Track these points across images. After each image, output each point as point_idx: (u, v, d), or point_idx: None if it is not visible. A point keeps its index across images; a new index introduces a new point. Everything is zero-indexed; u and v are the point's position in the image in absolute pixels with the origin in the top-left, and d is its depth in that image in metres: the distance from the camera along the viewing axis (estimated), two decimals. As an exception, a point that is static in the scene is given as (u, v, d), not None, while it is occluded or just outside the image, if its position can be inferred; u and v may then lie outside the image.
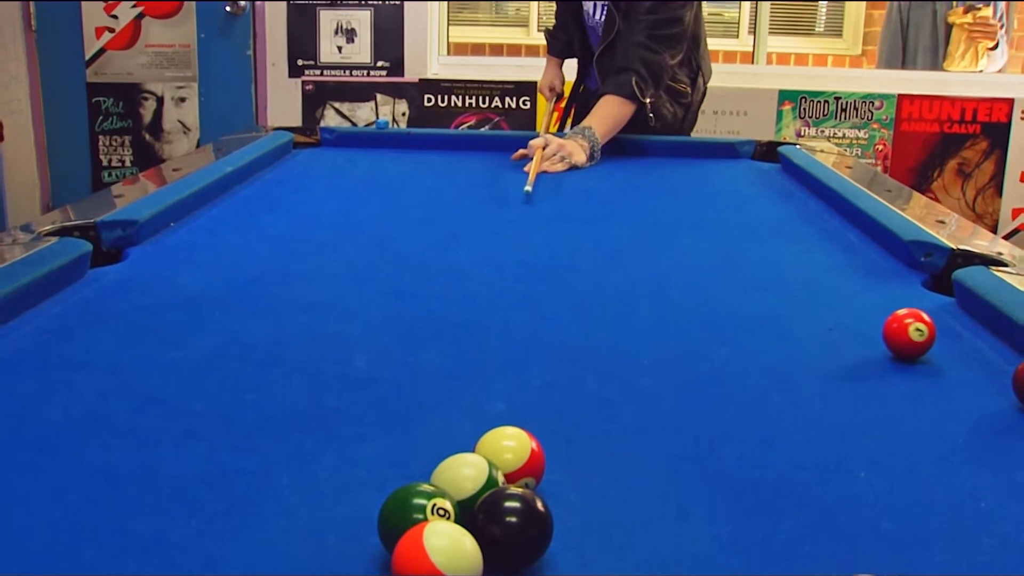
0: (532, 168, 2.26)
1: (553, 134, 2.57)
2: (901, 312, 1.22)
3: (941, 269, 1.58)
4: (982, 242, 1.69)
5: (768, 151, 2.59)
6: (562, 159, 2.40)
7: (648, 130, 2.66)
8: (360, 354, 1.20)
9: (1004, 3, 4.70)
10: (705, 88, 2.90)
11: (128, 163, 4.60)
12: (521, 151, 2.46)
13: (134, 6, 4.47)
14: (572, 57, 3.05)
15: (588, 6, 2.81)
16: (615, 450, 0.97)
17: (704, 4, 2.87)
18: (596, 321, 1.35)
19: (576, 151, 2.43)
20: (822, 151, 2.52)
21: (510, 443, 0.86)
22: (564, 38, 3.02)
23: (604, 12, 2.70)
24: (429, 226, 1.87)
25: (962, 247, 1.60)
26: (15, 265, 1.38)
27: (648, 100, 2.57)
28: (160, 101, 4.54)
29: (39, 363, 1.16)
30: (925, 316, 1.21)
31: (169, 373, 1.14)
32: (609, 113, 2.57)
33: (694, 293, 1.49)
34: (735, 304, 1.44)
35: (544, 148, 2.39)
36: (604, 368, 1.18)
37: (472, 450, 0.86)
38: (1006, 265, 1.52)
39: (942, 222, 1.81)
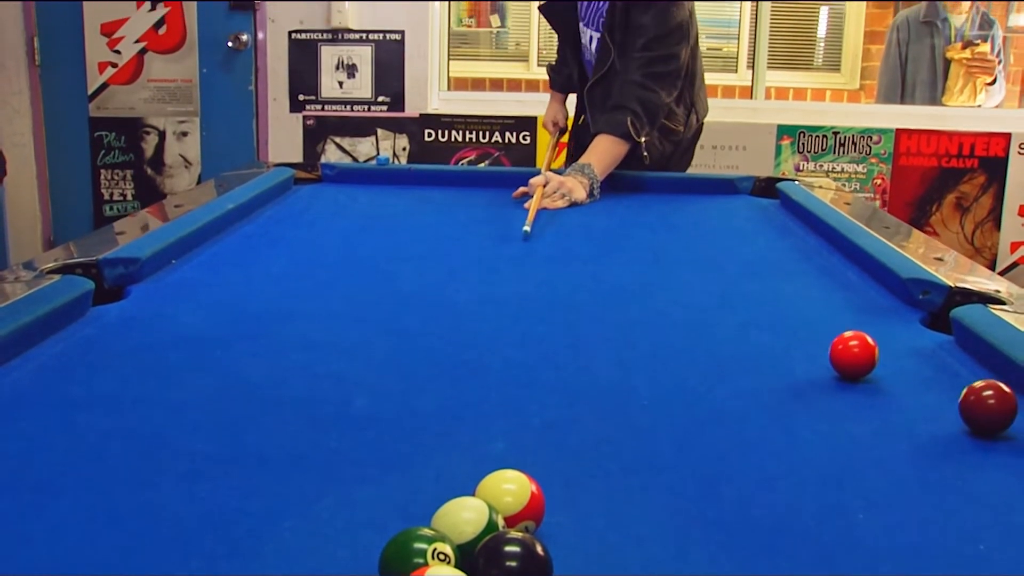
0: (532, 206, 2.27)
1: (554, 170, 2.58)
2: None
3: (939, 307, 1.59)
4: (980, 279, 1.70)
5: (767, 187, 2.61)
6: (563, 196, 2.41)
7: (640, 166, 2.67)
8: (361, 394, 1.20)
9: (1002, 39, 4.74)
10: (700, 125, 2.91)
11: (129, 197, 4.62)
12: (522, 189, 2.47)
13: (137, 41, 4.50)
14: (574, 92, 3.05)
15: (585, 39, 2.84)
16: (615, 491, 0.97)
17: (703, 40, 2.90)
18: (595, 360, 1.36)
19: (576, 188, 2.44)
20: (821, 187, 2.54)
21: (510, 486, 0.86)
22: (566, 72, 3.04)
23: (599, 44, 2.72)
24: (429, 263, 1.88)
25: (960, 285, 1.61)
26: (18, 303, 1.39)
27: (643, 140, 2.58)
28: (162, 135, 4.56)
29: (41, 403, 1.17)
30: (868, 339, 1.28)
31: (170, 413, 1.14)
32: (605, 150, 2.57)
33: (693, 331, 1.50)
34: (734, 343, 1.45)
35: (544, 186, 2.40)
36: (604, 407, 1.19)
37: (472, 493, 0.86)
38: (1004, 303, 1.52)
39: (940, 259, 1.82)
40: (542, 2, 3.00)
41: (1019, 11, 5.60)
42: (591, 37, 2.80)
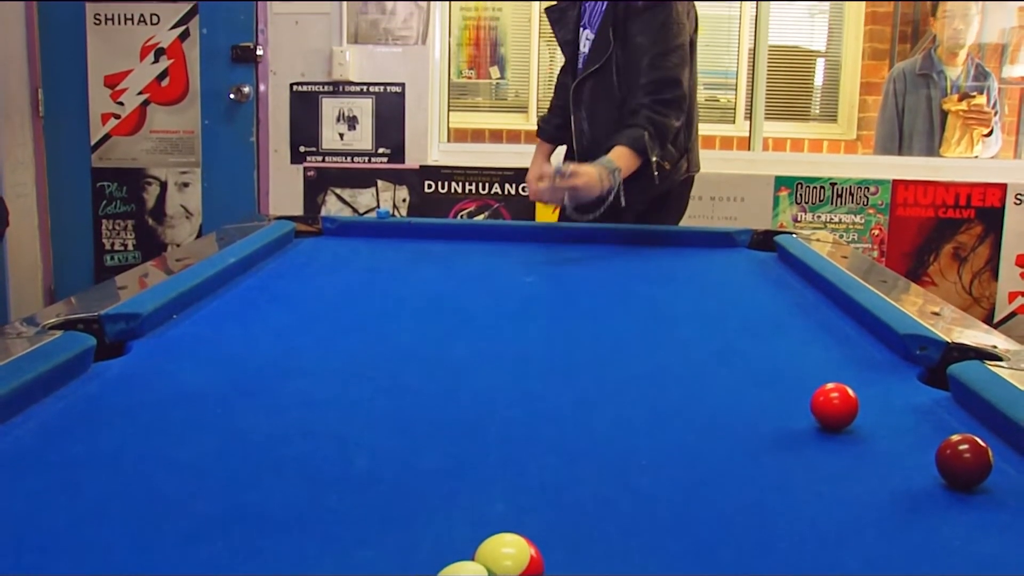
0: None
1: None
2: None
3: (937, 362, 1.59)
4: (977, 333, 1.71)
5: (765, 240, 2.62)
6: (573, 189, 2.51)
7: (648, 190, 2.72)
8: (361, 453, 1.21)
9: (997, 90, 4.78)
10: (690, 177, 2.94)
11: (130, 246, 4.64)
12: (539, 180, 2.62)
13: (140, 93, 4.54)
14: (563, 143, 3.05)
15: (583, 43, 2.86)
16: (614, 553, 0.97)
17: (701, 91, 2.94)
18: (594, 418, 1.36)
19: (590, 186, 2.51)
20: (818, 240, 2.55)
21: (509, 550, 0.86)
22: (556, 121, 3.02)
23: (592, 43, 2.78)
24: (429, 319, 1.89)
25: (957, 340, 1.62)
26: (20, 360, 1.40)
27: (655, 158, 2.64)
28: (163, 186, 4.59)
29: (42, 462, 1.17)
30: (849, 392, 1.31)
31: (171, 472, 1.15)
32: (623, 156, 2.62)
33: (692, 389, 1.51)
34: (733, 402, 1.45)
35: (566, 176, 2.50)
36: (603, 467, 1.19)
37: (471, 556, 0.87)
38: (1001, 359, 1.53)
39: (937, 313, 1.83)
40: (549, 3, 3.01)
41: (1013, 63, 5.65)
42: (587, 39, 2.85)
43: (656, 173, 2.67)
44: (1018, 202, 4.37)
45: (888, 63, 5.89)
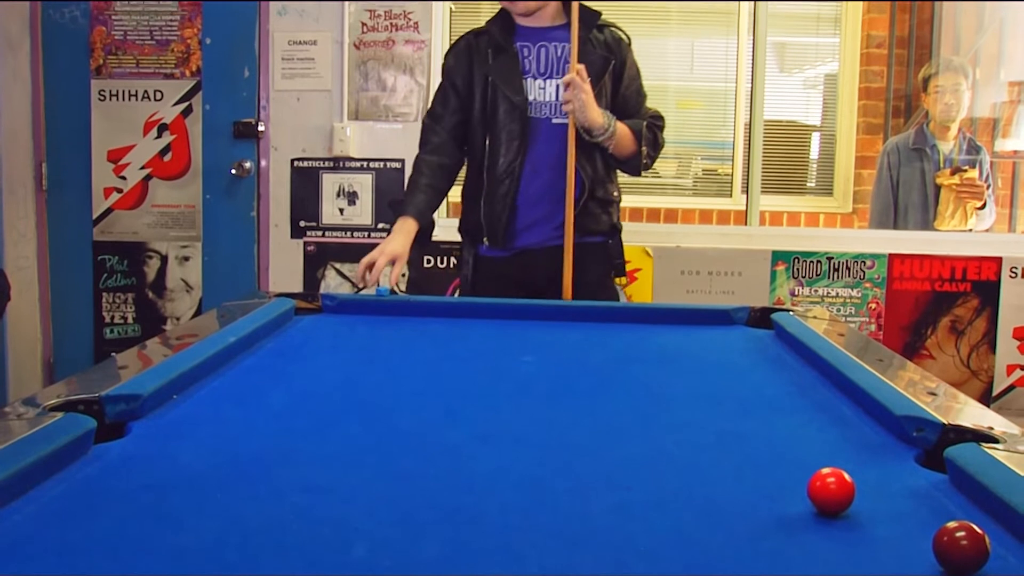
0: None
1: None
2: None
3: (934, 444, 1.60)
4: (974, 413, 1.71)
5: (762, 317, 2.64)
6: (579, 103, 2.91)
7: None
8: (360, 540, 1.21)
9: (989, 163, 4.84)
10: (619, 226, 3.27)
11: (130, 320, 4.66)
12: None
13: (143, 167, 4.59)
14: (430, 227, 3.13)
15: (532, 91, 3.05)
16: (613, 645, 0.97)
17: (699, 163, 3.18)
18: (592, 503, 1.36)
19: (594, 114, 2.93)
20: (815, 317, 2.57)
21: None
22: (438, 186, 3.17)
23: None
24: (428, 400, 1.90)
25: (953, 422, 1.62)
26: (21, 443, 1.40)
27: (644, 149, 3.05)
28: (164, 259, 4.62)
29: (41, 549, 1.17)
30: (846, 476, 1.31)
31: (170, 559, 1.15)
32: (625, 132, 3.04)
33: (690, 473, 1.51)
34: (731, 486, 1.45)
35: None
36: (601, 553, 1.19)
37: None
38: (997, 441, 1.54)
39: (933, 393, 1.84)
40: (450, 61, 3.17)
41: (1005, 136, 5.72)
42: (540, 88, 3.06)
43: (646, 161, 3.09)
44: (1013, 275, 4.40)
45: (882, 137, 5.96)
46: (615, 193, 3.18)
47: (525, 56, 3.02)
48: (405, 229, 2.98)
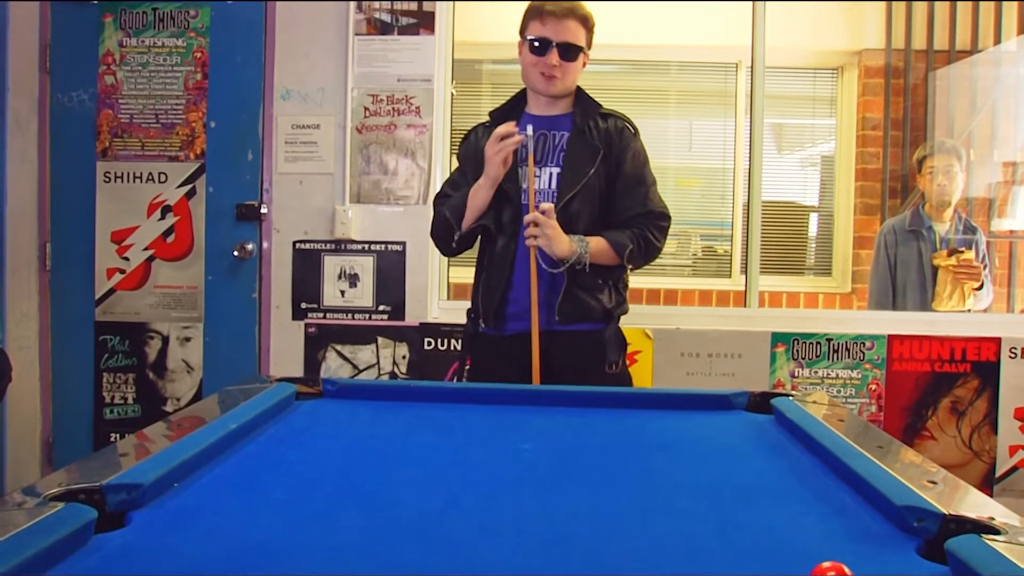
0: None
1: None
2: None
3: (935, 535, 1.59)
4: (975, 500, 1.71)
5: (762, 402, 2.64)
6: (546, 236, 3.00)
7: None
8: (360, 636, 1.21)
9: (985, 244, 4.88)
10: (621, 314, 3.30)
11: (130, 400, 4.65)
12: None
13: (146, 248, 4.63)
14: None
15: (524, 179, 3.12)
16: None
17: (699, 241, 3.20)
18: (593, 597, 1.36)
19: (561, 244, 3.02)
20: (815, 402, 2.57)
21: None
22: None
23: (559, 177, 3.12)
24: (428, 489, 1.89)
25: (954, 512, 1.62)
26: (20, 535, 1.40)
27: (629, 267, 3.17)
28: (165, 340, 4.64)
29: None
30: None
31: (169, 657, 1.14)
32: (601, 248, 3.11)
33: (689, 564, 1.51)
34: (731, 577, 1.45)
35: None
36: (602, 651, 1.19)
37: None
38: (999, 532, 1.54)
39: (933, 481, 1.84)
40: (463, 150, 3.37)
41: (1001, 216, 5.78)
42: (535, 175, 3.14)
43: (630, 267, 3.19)
44: (1013, 356, 4.40)
45: (879, 217, 6.02)
46: (602, 280, 3.19)
47: (523, 143, 3.07)
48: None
